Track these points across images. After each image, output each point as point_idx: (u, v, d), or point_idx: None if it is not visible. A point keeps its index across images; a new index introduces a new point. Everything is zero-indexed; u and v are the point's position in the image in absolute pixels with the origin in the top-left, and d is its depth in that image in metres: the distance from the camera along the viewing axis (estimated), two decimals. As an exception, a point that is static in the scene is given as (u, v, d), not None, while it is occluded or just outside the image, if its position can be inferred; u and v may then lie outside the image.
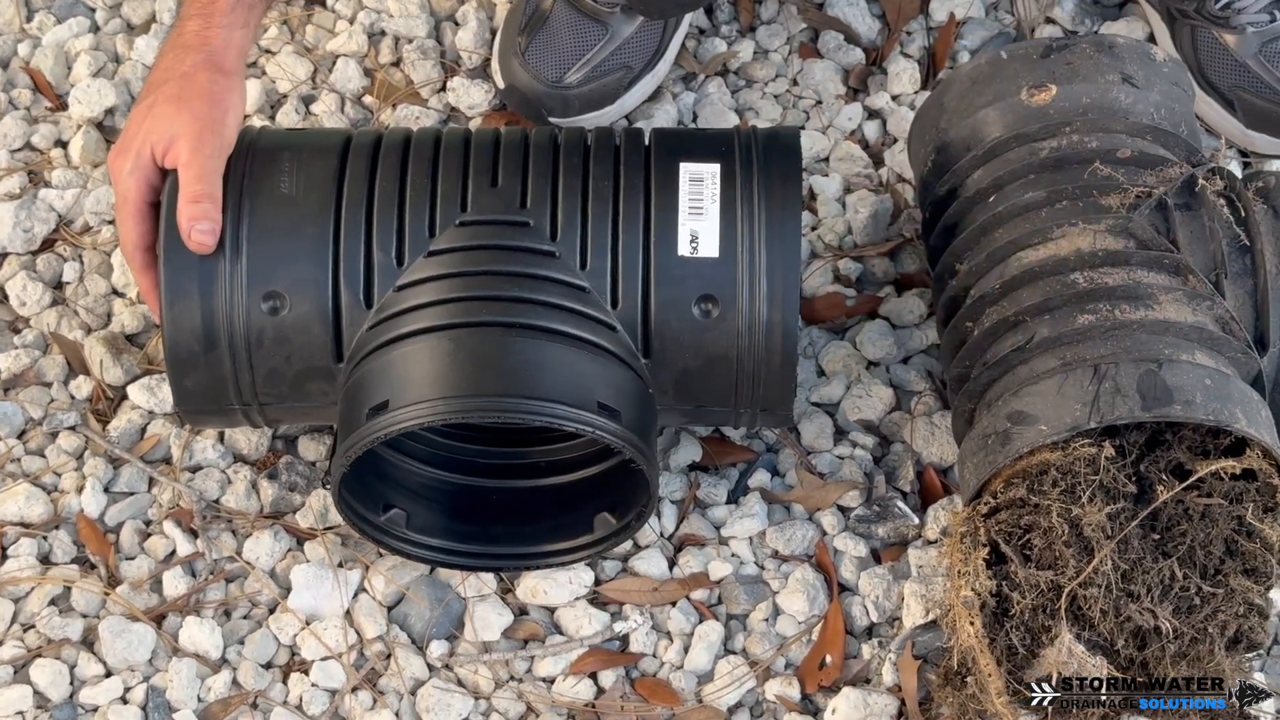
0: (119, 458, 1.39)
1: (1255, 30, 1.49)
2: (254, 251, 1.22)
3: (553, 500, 1.34)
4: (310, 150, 1.26)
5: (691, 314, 1.22)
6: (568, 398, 1.18)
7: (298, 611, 1.31)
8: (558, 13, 1.52)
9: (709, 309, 1.22)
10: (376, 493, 1.28)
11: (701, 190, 1.24)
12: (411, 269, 1.22)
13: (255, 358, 1.23)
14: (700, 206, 1.23)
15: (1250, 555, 1.18)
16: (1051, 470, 1.18)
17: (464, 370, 1.19)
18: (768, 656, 1.30)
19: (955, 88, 1.36)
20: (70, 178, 1.54)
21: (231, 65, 1.26)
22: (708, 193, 1.23)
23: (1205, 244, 1.25)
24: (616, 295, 1.22)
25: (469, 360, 1.19)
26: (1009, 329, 1.25)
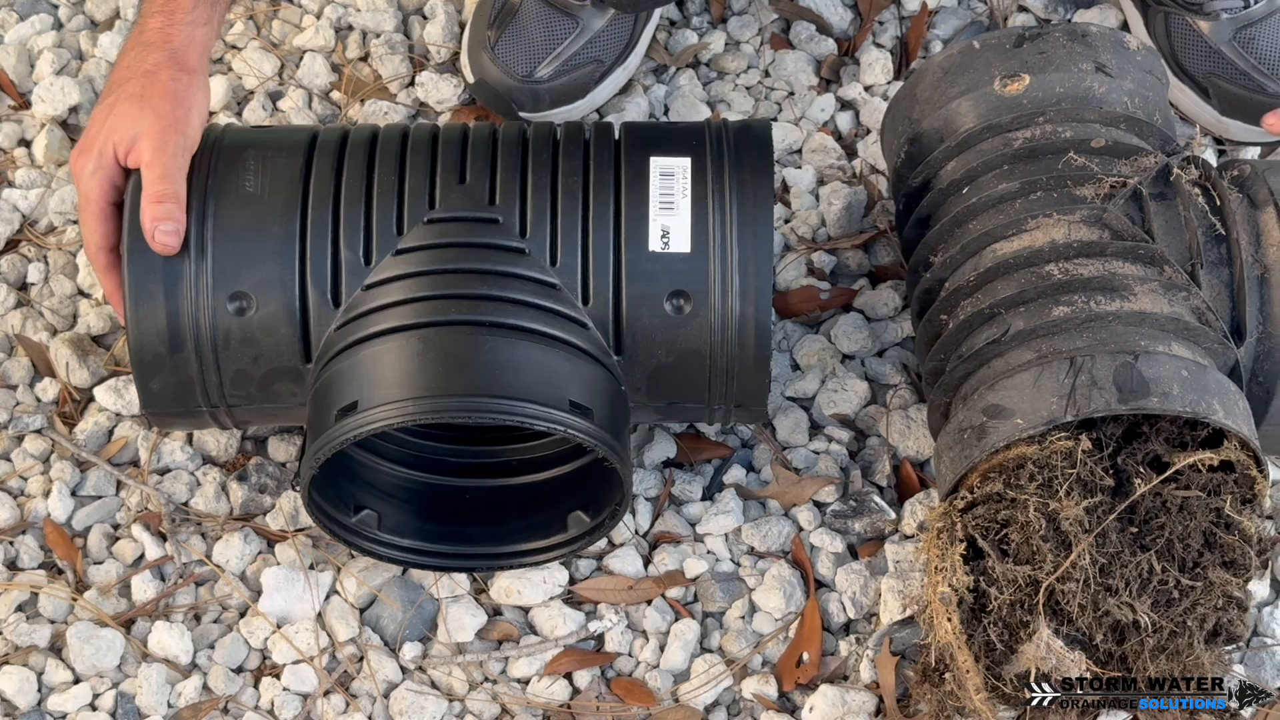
0: (86, 461, 1.37)
1: (1229, 16, 1.48)
2: (219, 252, 1.21)
3: (526, 499, 1.33)
4: (275, 148, 1.25)
5: (664, 310, 1.21)
6: (539, 396, 1.17)
7: (268, 615, 1.30)
8: (528, 6, 1.51)
9: (681, 305, 1.21)
10: (347, 494, 1.27)
11: (672, 185, 1.22)
12: (379, 267, 1.21)
13: (222, 359, 1.22)
14: (671, 201, 1.21)
15: (1229, 547, 1.18)
16: (1028, 464, 1.17)
17: (433, 370, 1.18)
18: (744, 654, 1.29)
19: (927, 78, 1.35)
20: (34, 177, 1.52)
21: (194, 63, 1.24)
22: (679, 187, 1.22)
23: (1180, 234, 1.24)
24: (587, 292, 1.21)
25: (438, 360, 1.18)
26: (984, 321, 1.24)
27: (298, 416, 1.26)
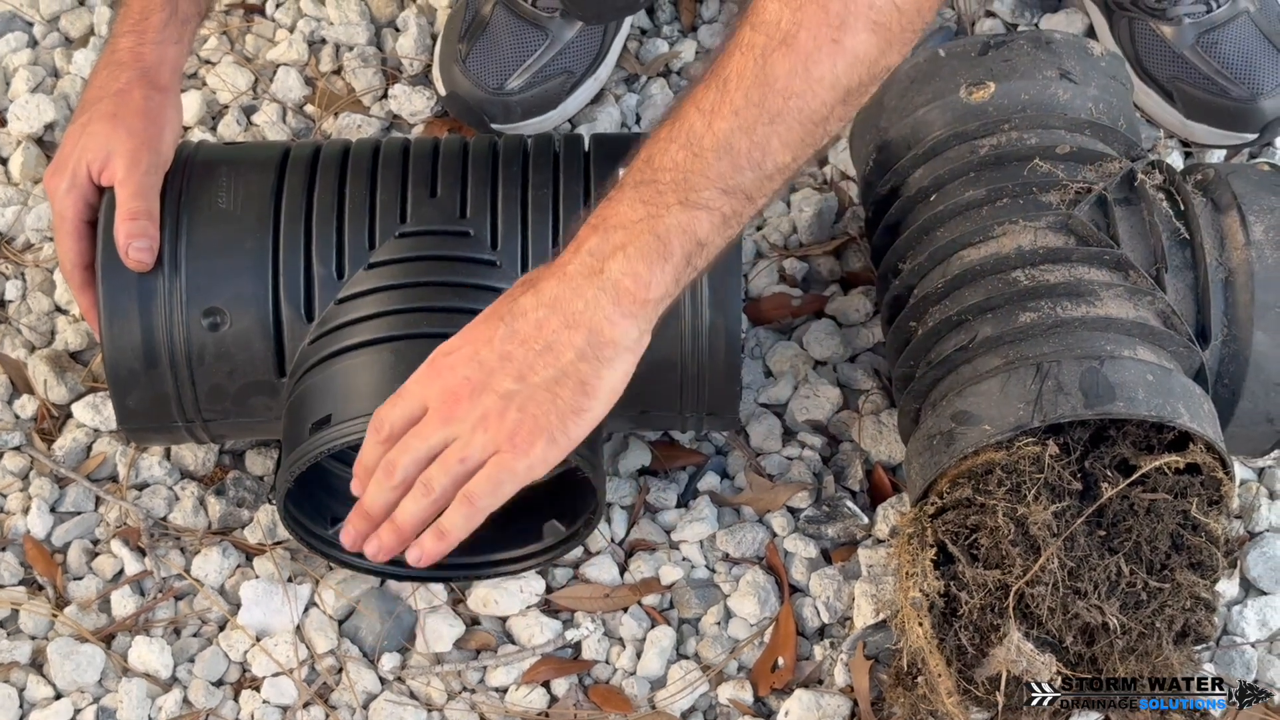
0: (65, 477, 1.38)
1: (1192, 21, 1.50)
2: (193, 268, 1.22)
3: (501, 509, 1.33)
4: (248, 164, 1.26)
5: None
6: None
7: (248, 628, 1.31)
8: (497, 19, 1.52)
9: None
10: (323, 507, 1.28)
11: None
12: (352, 282, 1.22)
13: (197, 374, 1.23)
14: None
15: (1196, 549, 1.19)
16: (996, 470, 1.18)
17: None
18: (720, 660, 1.30)
19: (894, 86, 1.36)
20: (10, 195, 1.53)
21: (166, 81, 1.25)
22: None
23: (1145, 238, 1.26)
24: None
25: (410, 372, 1.19)
26: (952, 328, 1.25)
27: (273, 430, 1.27)
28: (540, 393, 1.04)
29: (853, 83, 1.01)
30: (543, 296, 1.04)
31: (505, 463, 1.06)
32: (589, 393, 1.05)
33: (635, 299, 1.02)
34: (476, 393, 1.06)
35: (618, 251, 1.02)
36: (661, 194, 1.02)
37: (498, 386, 1.05)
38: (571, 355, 1.03)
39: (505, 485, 1.07)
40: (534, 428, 1.05)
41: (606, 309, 1.02)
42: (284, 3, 1.65)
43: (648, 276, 1.02)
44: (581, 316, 1.03)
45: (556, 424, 1.05)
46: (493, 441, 1.06)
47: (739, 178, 1.01)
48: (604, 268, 1.02)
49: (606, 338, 1.03)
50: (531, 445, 1.05)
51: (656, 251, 1.01)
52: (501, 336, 1.05)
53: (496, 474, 1.06)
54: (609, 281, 1.02)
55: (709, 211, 1.02)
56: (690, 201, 1.01)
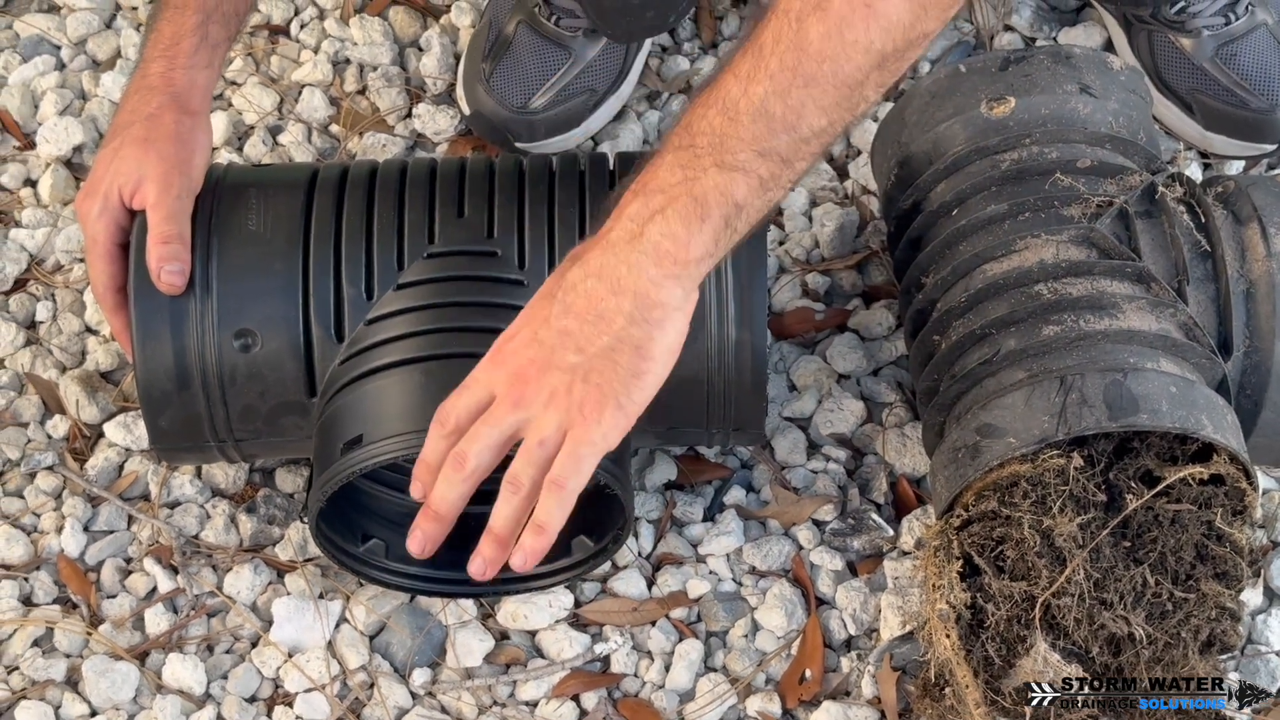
0: (97, 496, 1.39)
1: (1210, 34, 1.51)
2: (224, 290, 1.23)
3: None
4: (277, 186, 1.27)
5: None
6: None
7: (280, 644, 1.32)
8: (521, 38, 1.53)
9: None
10: (354, 524, 1.29)
11: None
12: (381, 302, 1.23)
13: (229, 395, 1.24)
14: None
15: (1220, 559, 1.20)
16: (1022, 482, 1.19)
17: (437, 402, 1.20)
18: (748, 673, 1.31)
19: (915, 102, 1.37)
20: (40, 216, 1.54)
21: (197, 105, 1.27)
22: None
23: (1167, 251, 1.27)
24: None
25: (441, 392, 1.20)
26: (975, 342, 1.26)
27: (304, 449, 1.28)
28: (600, 361, 1.06)
29: (888, 48, 1.02)
30: (589, 267, 1.06)
31: (580, 437, 1.07)
32: (645, 355, 1.06)
33: (676, 260, 1.04)
34: (542, 371, 1.07)
35: (656, 215, 1.03)
36: (698, 157, 1.03)
37: (560, 362, 1.06)
38: (622, 321, 1.05)
39: (586, 459, 1.08)
40: (600, 396, 1.06)
41: (650, 271, 1.04)
42: (308, 24, 1.66)
43: (686, 238, 1.03)
44: (626, 282, 1.04)
45: (621, 390, 1.07)
46: (565, 417, 1.07)
47: (774, 141, 1.03)
48: (644, 231, 1.04)
49: (653, 300, 1.05)
50: (601, 413, 1.07)
51: (694, 213, 1.03)
52: (556, 313, 1.07)
53: (575, 450, 1.07)
54: (649, 244, 1.04)
55: (745, 174, 1.03)
56: (726, 164, 1.03)
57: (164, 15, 1.27)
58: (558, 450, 1.08)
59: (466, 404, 1.11)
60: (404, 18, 1.65)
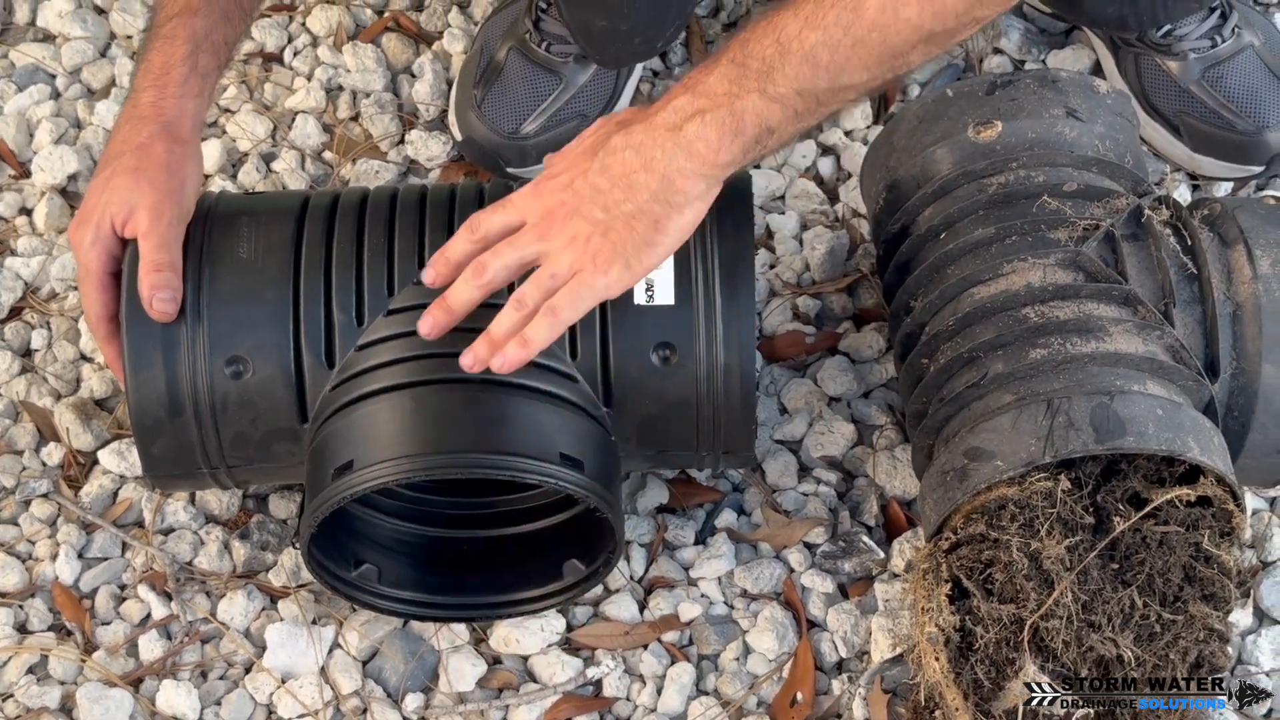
0: (92, 523, 1.40)
1: (1197, 56, 1.51)
2: (215, 317, 1.24)
3: (522, 548, 1.36)
4: (268, 214, 1.28)
5: (650, 361, 1.24)
6: (530, 450, 1.20)
7: (273, 670, 1.33)
8: (512, 64, 1.54)
9: (667, 356, 1.24)
10: (347, 549, 1.30)
11: None
12: (372, 328, 1.24)
13: (221, 422, 1.25)
14: None
15: (1208, 581, 1.20)
16: (1009, 505, 1.20)
17: (426, 428, 1.21)
18: (739, 696, 1.32)
19: (903, 126, 1.38)
20: (35, 245, 1.55)
21: (187, 134, 1.28)
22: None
23: (1153, 273, 1.27)
24: (575, 346, 1.24)
25: (431, 417, 1.21)
26: (964, 365, 1.27)
27: (296, 475, 1.29)
28: (620, 223, 1.16)
29: (937, 28, 1.11)
30: (631, 138, 1.16)
31: (586, 280, 1.17)
32: (660, 229, 1.17)
33: (705, 160, 1.14)
34: (569, 215, 1.17)
35: (698, 115, 1.14)
36: (746, 78, 1.13)
37: (587, 213, 1.17)
38: (647, 195, 1.15)
39: (585, 300, 1.18)
40: (613, 253, 1.17)
41: (680, 162, 1.15)
42: (302, 51, 1.67)
43: (718, 144, 1.14)
44: (658, 164, 1.15)
45: (632, 252, 1.17)
46: (578, 261, 1.17)
47: (815, 83, 1.12)
48: (683, 126, 1.14)
49: (677, 187, 1.15)
50: (610, 267, 1.17)
51: (731, 126, 1.13)
52: (595, 170, 1.17)
53: (578, 288, 1.17)
54: (685, 139, 1.14)
55: (783, 105, 1.13)
56: (768, 93, 1.13)
57: (154, 45, 1.28)
58: (563, 285, 1.18)
59: (500, 221, 1.20)
60: (396, 45, 1.66)
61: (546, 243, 1.18)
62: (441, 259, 1.21)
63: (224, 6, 1.29)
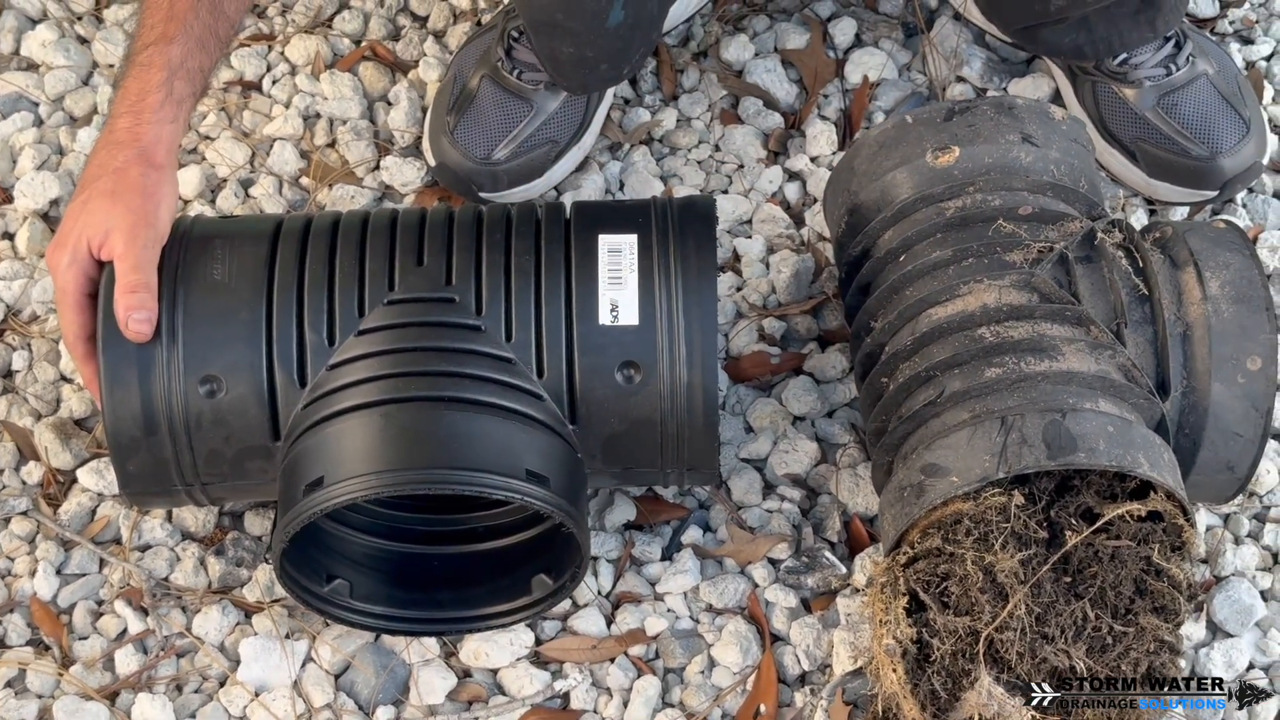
0: (70, 540, 1.43)
1: (1152, 84, 1.55)
2: (189, 337, 1.27)
3: (492, 564, 1.38)
4: (241, 237, 1.31)
5: (615, 380, 1.27)
6: (496, 467, 1.23)
7: (247, 684, 1.35)
8: (484, 91, 1.57)
9: (631, 375, 1.26)
10: (319, 564, 1.32)
11: (620, 261, 1.29)
12: (342, 348, 1.27)
13: (195, 440, 1.28)
14: (619, 277, 1.28)
15: (1159, 594, 1.23)
16: (965, 520, 1.22)
17: (395, 444, 1.24)
18: (704, 708, 1.34)
19: (864, 152, 1.41)
20: (17, 269, 1.58)
21: (162, 159, 1.30)
22: (626, 263, 1.28)
23: (1106, 295, 1.30)
24: (542, 365, 1.27)
25: (400, 435, 1.24)
26: (921, 384, 1.30)
27: (269, 492, 1.31)
28: None
29: None
30: None
31: None
32: None
33: None
34: None
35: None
36: None
37: None
38: None
39: None
40: None
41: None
42: (280, 79, 1.71)
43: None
44: None
45: None
46: None
47: None
48: None
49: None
50: None
51: None
52: None
53: None
54: None
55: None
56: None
57: (131, 73, 1.31)
58: None
59: None
60: (373, 73, 1.69)
61: None
62: None
63: (200, 35, 1.32)
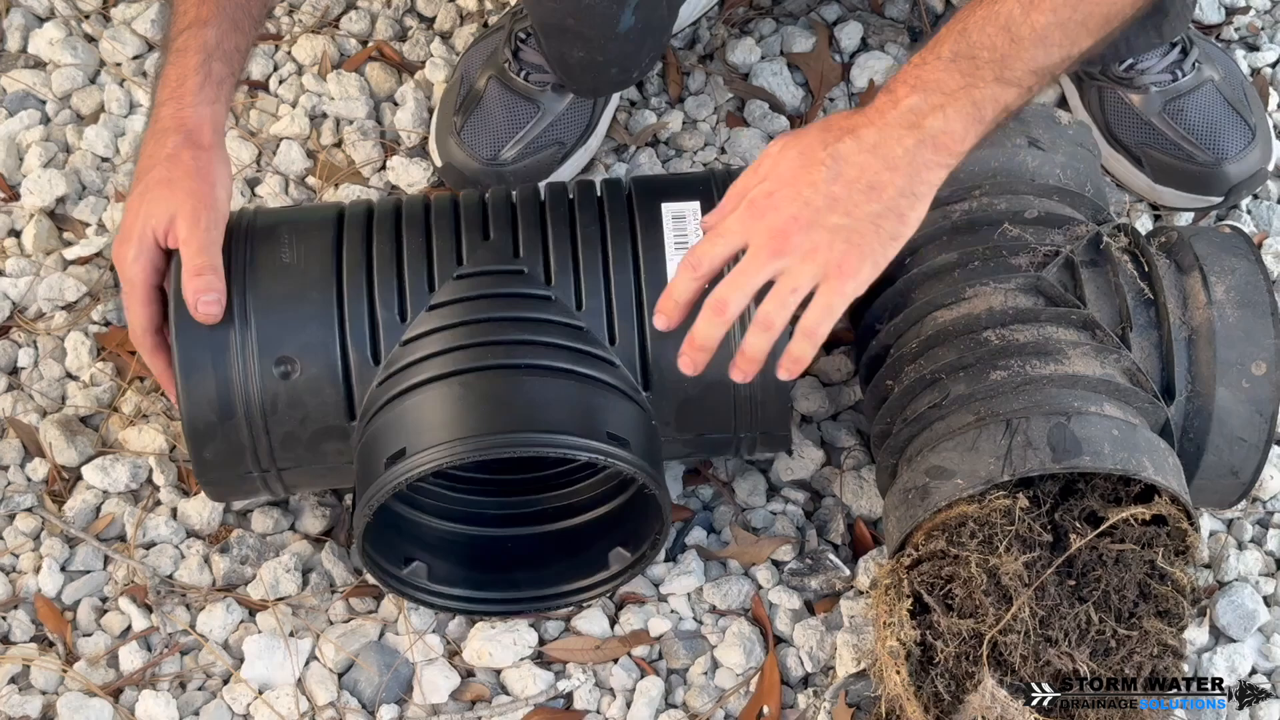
0: (75, 537, 1.43)
1: (1158, 90, 1.55)
2: (262, 320, 1.27)
3: (566, 543, 1.39)
4: (307, 222, 1.32)
5: None
6: (578, 430, 1.23)
7: (250, 681, 1.35)
8: (491, 92, 1.58)
9: None
10: (398, 547, 1.33)
11: (685, 226, 1.30)
12: (415, 323, 1.27)
13: (271, 423, 1.28)
14: (685, 241, 1.29)
15: (1163, 598, 1.23)
16: (969, 522, 1.23)
17: (476, 411, 1.24)
18: (707, 709, 1.34)
19: (871, 155, 1.41)
20: (23, 266, 1.58)
21: (209, 140, 1.30)
22: (690, 229, 1.29)
23: (1111, 299, 1.31)
24: (613, 332, 1.28)
25: (480, 401, 1.24)
26: (926, 386, 1.30)
27: (345, 476, 1.32)
28: (865, 225, 1.18)
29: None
30: (864, 142, 1.18)
31: (835, 288, 1.18)
32: (905, 222, 1.19)
33: (950, 150, 1.18)
34: (806, 228, 1.18)
35: (936, 110, 1.17)
36: (979, 68, 1.17)
37: (826, 222, 1.17)
38: (893, 192, 1.17)
39: (837, 308, 1.19)
40: (860, 255, 1.18)
41: (926, 156, 1.17)
42: (287, 79, 1.71)
43: (962, 133, 1.18)
44: (902, 162, 1.17)
45: (879, 249, 1.19)
46: (820, 271, 1.18)
47: (1049, 60, 1.17)
48: (923, 123, 1.17)
49: (923, 178, 1.18)
50: (860, 269, 1.18)
51: (973, 115, 1.17)
52: (826, 179, 1.18)
53: (829, 300, 1.18)
54: (928, 135, 1.17)
55: (1019, 87, 1.18)
56: (1005, 79, 1.17)
57: (169, 61, 1.31)
58: (805, 297, 1.19)
59: (720, 252, 1.21)
60: (380, 73, 1.70)
61: (782, 259, 1.18)
62: (670, 303, 1.22)
63: (233, 15, 1.32)
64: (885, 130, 1.18)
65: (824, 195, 1.17)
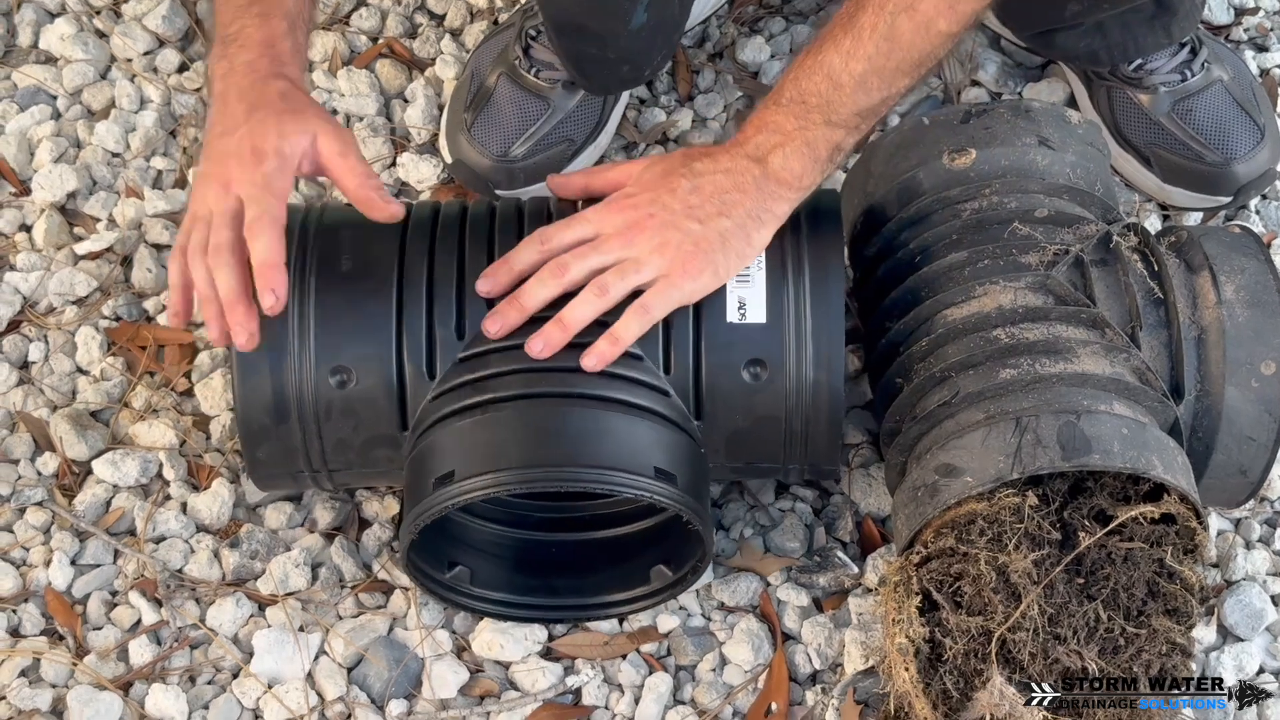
0: (85, 531, 1.43)
1: (1167, 90, 1.55)
2: (321, 328, 1.28)
3: (610, 552, 1.39)
4: (369, 226, 1.28)
5: (741, 377, 1.27)
6: (625, 464, 1.23)
7: (260, 675, 1.35)
8: (501, 89, 1.58)
9: (758, 372, 1.27)
10: (442, 552, 1.33)
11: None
12: (472, 342, 1.28)
13: (324, 429, 1.29)
14: (747, 274, 1.29)
15: (1171, 596, 1.23)
16: (979, 520, 1.23)
17: (525, 441, 1.24)
18: (715, 705, 1.34)
19: (880, 153, 1.42)
20: (34, 260, 1.59)
21: (308, 104, 1.28)
22: (755, 261, 1.29)
23: (1121, 298, 1.31)
24: (669, 361, 1.27)
25: (529, 431, 1.24)
26: (936, 384, 1.30)
27: (394, 479, 1.34)
28: (715, 236, 1.26)
29: (961, 29, 1.25)
30: (719, 165, 1.27)
31: (675, 281, 1.25)
32: (751, 244, 1.27)
33: (791, 185, 1.27)
34: (661, 226, 1.26)
35: (777, 149, 1.27)
36: (809, 112, 1.27)
37: (680, 224, 1.26)
38: (742, 213, 1.26)
39: (672, 300, 1.26)
40: (705, 261, 1.26)
41: (771, 188, 1.27)
42: (297, 75, 1.71)
43: (800, 170, 1.27)
44: (750, 187, 1.27)
45: (721, 262, 1.26)
46: (667, 265, 1.25)
47: (870, 102, 1.27)
48: (767, 159, 1.27)
49: (768, 207, 1.27)
50: (701, 274, 1.26)
51: (808, 155, 1.27)
52: (685, 189, 1.27)
53: (666, 289, 1.25)
54: (772, 169, 1.27)
55: (846, 128, 1.27)
56: (833, 121, 1.26)
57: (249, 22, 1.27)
58: (647, 285, 1.25)
59: (572, 235, 1.28)
60: (390, 70, 1.70)
61: (631, 249, 1.25)
62: (504, 268, 1.27)
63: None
64: (737, 159, 1.27)
65: (681, 202, 1.26)
